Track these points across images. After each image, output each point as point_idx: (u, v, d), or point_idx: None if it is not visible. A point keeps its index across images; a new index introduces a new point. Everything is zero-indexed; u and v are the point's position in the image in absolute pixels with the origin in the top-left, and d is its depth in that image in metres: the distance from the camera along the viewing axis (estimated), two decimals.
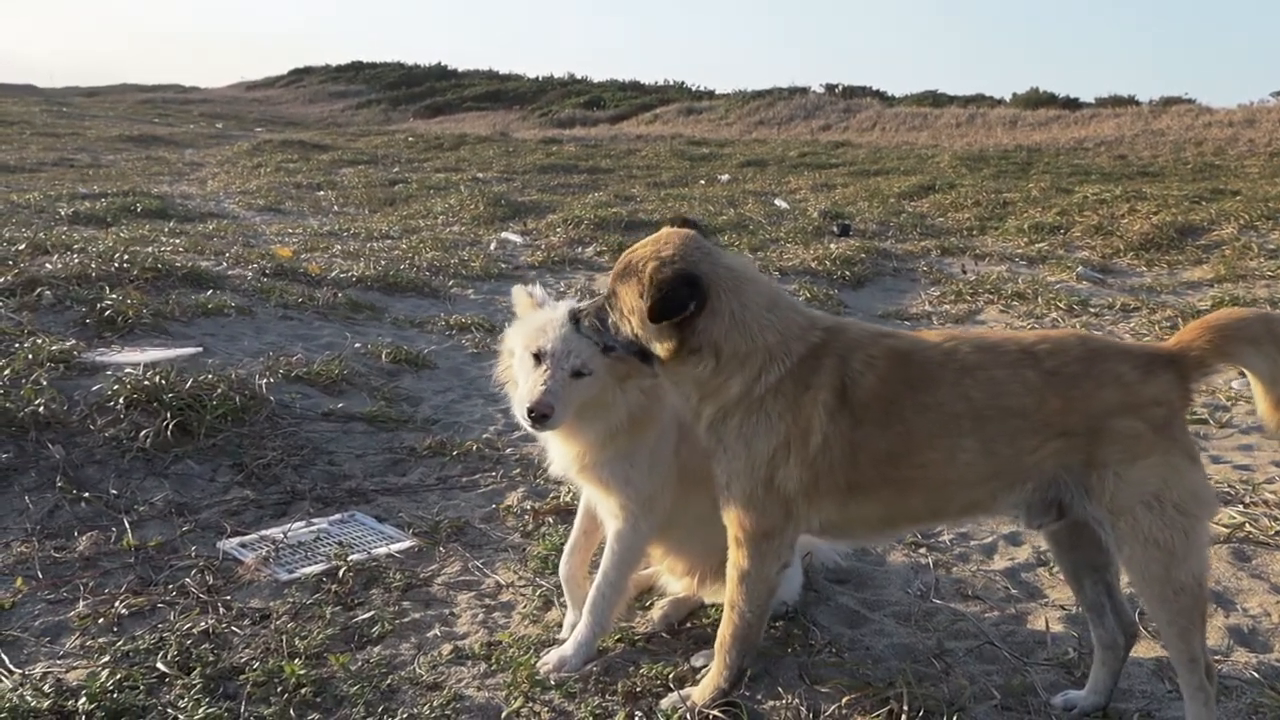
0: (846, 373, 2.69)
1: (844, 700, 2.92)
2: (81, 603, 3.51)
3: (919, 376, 2.69)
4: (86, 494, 4.27)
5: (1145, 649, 3.27)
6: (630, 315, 2.74)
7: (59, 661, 3.13)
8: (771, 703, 2.93)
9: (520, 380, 3.03)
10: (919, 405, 2.67)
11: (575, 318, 2.90)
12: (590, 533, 3.43)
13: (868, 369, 2.69)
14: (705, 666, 3.03)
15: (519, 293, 3.21)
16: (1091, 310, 8.98)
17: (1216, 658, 3.29)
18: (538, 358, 2.95)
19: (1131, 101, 36.67)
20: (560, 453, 3.19)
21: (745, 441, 2.71)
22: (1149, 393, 2.61)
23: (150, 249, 8.75)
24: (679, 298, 2.60)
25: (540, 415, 2.86)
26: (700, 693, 2.91)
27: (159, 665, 3.06)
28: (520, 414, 2.97)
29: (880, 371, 2.68)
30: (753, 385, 2.69)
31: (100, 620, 3.39)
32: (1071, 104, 37.94)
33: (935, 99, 41.81)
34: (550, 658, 3.16)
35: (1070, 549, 2.95)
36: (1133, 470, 2.58)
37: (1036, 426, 2.63)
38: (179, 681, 2.98)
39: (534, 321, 3.03)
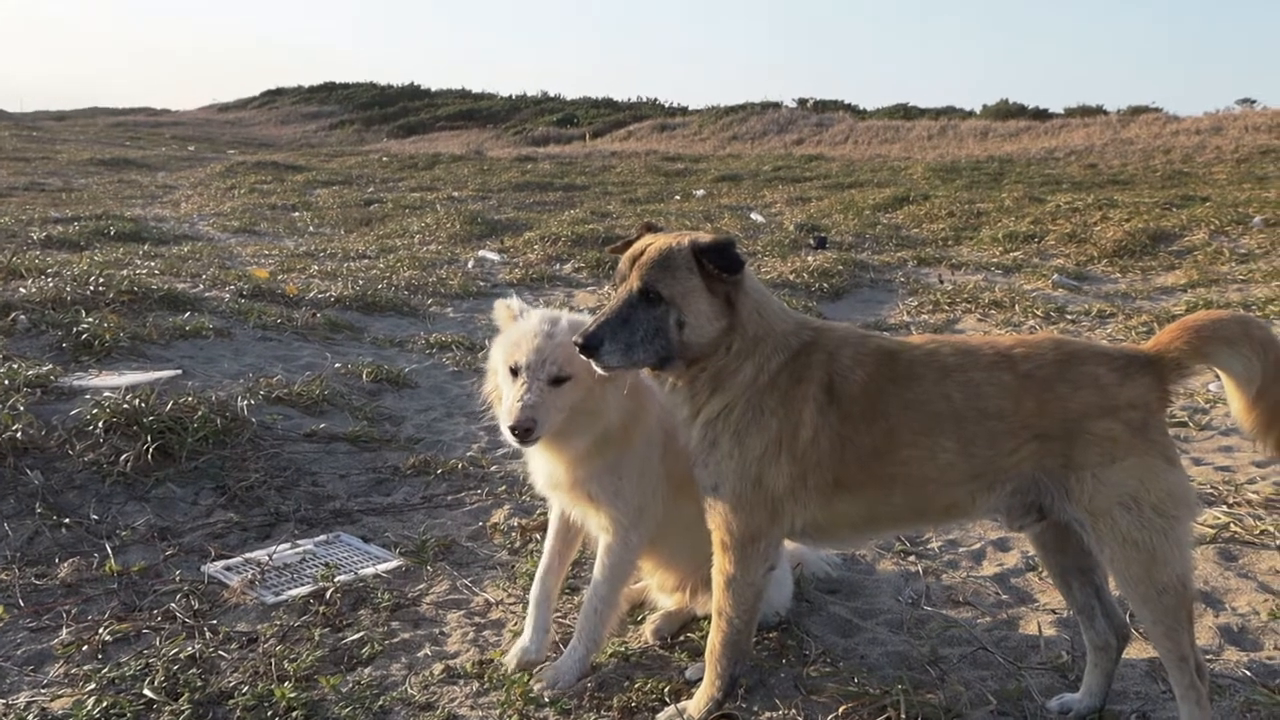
0: (835, 368, 2.74)
1: (840, 710, 2.91)
2: (64, 630, 3.44)
3: (904, 374, 2.73)
4: (67, 520, 4.20)
5: (1139, 650, 3.28)
6: (686, 297, 2.64)
7: (43, 690, 3.06)
8: (768, 714, 2.92)
9: (503, 396, 3.00)
10: (903, 402, 2.70)
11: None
12: (564, 554, 3.39)
13: (856, 365, 2.73)
14: (700, 679, 3.01)
15: (499, 306, 3.17)
16: (1068, 317, 9.06)
17: (1208, 657, 3.31)
18: (514, 371, 2.93)
19: (1100, 111, 37.32)
20: (547, 467, 3.14)
21: (739, 439, 2.72)
22: (1126, 395, 2.62)
23: (125, 272, 8.67)
24: (736, 254, 2.66)
25: (523, 429, 2.83)
26: (695, 705, 2.89)
27: (146, 692, 2.99)
28: (505, 431, 2.92)
29: (868, 368, 2.73)
30: (758, 374, 2.72)
31: (84, 647, 3.33)
32: (1041, 115, 38.53)
33: (906, 112, 42.32)
34: (544, 675, 3.13)
35: (1056, 552, 2.97)
36: (1110, 472, 2.60)
37: (1013, 428, 2.65)
38: (167, 708, 2.93)
39: (510, 336, 3.01)
